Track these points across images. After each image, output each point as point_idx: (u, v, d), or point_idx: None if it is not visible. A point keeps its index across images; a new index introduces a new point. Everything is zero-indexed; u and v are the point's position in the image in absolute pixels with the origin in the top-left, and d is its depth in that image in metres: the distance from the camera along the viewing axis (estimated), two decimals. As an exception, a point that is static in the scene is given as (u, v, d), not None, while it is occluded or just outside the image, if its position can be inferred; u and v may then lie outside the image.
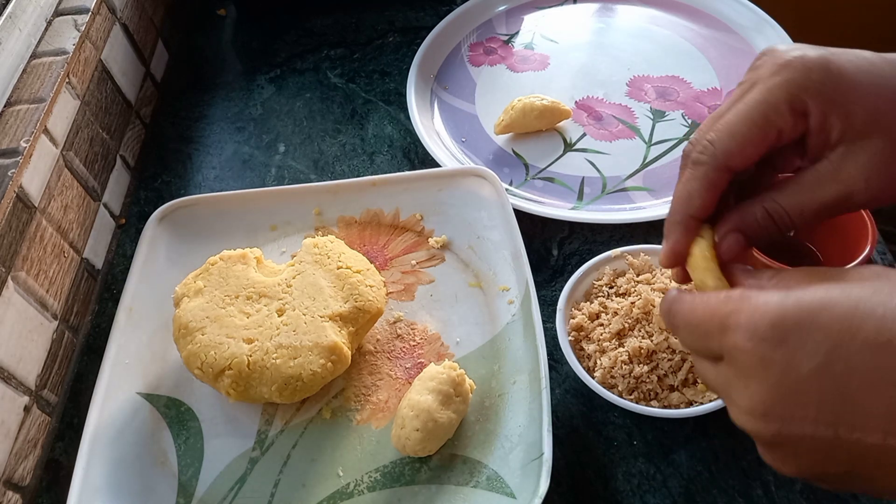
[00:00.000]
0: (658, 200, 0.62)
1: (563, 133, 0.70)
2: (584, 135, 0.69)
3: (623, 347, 0.48)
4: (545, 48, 0.79)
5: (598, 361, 0.48)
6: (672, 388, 0.47)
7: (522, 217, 0.59)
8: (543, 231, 0.61)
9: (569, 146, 0.68)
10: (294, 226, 0.62)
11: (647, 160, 0.66)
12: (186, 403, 0.52)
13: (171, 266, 0.59)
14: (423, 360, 0.53)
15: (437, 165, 0.65)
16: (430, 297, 0.56)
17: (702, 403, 0.46)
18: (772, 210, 0.34)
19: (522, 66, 0.77)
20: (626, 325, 0.49)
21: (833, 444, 0.26)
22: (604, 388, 0.47)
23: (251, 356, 0.48)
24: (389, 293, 0.57)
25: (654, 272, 0.52)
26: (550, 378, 0.48)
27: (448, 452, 0.48)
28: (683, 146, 0.66)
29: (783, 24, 0.74)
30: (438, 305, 0.56)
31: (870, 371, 0.25)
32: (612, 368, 0.48)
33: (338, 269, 0.52)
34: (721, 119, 0.34)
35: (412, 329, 0.55)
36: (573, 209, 0.62)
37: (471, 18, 0.82)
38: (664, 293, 0.50)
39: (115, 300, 0.58)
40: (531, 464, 0.45)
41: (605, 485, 0.47)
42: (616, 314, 0.50)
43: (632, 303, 0.50)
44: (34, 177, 0.55)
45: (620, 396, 0.47)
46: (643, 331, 0.49)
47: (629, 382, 0.47)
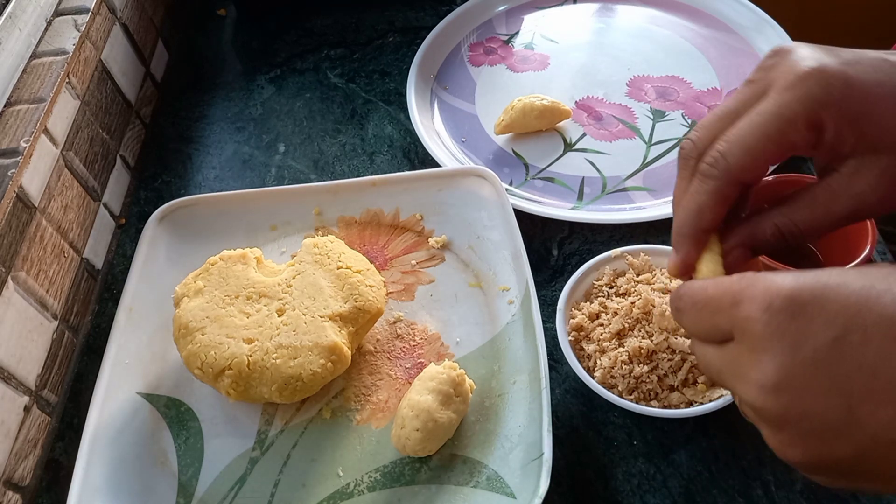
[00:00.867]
0: (658, 200, 0.62)
1: (563, 133, 0.70)
2: (584, 135, 0.69)
3: (623, 347, 0.48)
4: (545, 48, 0.79)
5: (598, 361, 0.48)
6: (672, 388, 0.47)
7: (522, 217, 0.59)
8: (543, 231, 0.61)
9: (569, 146, 0.68)
10: (294, 226, 0.62)
11: (647, 160, 0.66)
12: (186, 403, 0.52)
13: (171, 266, 0.59)
14: (423, 360, 0.53)
15: (437, 165, 0.65)
16: (430, 297, 0.56)
17: (702, 403, 0.46)
18: (783, 226, 0.34)
19: (522, 66, 0.77)
20: (626, 325, 0.49)
21: (844, 421, 0.26)
22: (604, 388, 0.47)
23: (251, 356, 0.48)
24: (389, 293, 0.57)
25: (654, 272, 0.52)
26: (550, 378, 0.48)
27: (448, 452, 0.48)
28: (683, 146, 0.67)
29: (783, 24, 0.74)
30: (438, 305, 0.56)
31: (886, 343, 0.25)
32: (612, 368, 0.48)
33: (338, 269, 0.52)
34: (733, 129, 0.33)
35: (412, 329, 0.55)
36: (573, 209, 0.62)
37: (471, 18, 0.82)
38: (664, 293, 0.50)
39: (115, 300, 0.58)
40: (531, 464, 0.45)
41: (605, 485, 0.47)
42: (616, 314, 0.50)
43: (632, 303, 0.50)
44: (34, 177, 0.55)
45: (620, 396, 0.47)
46: (643, 331, 0.49)
47: (629, 382, 0.47)
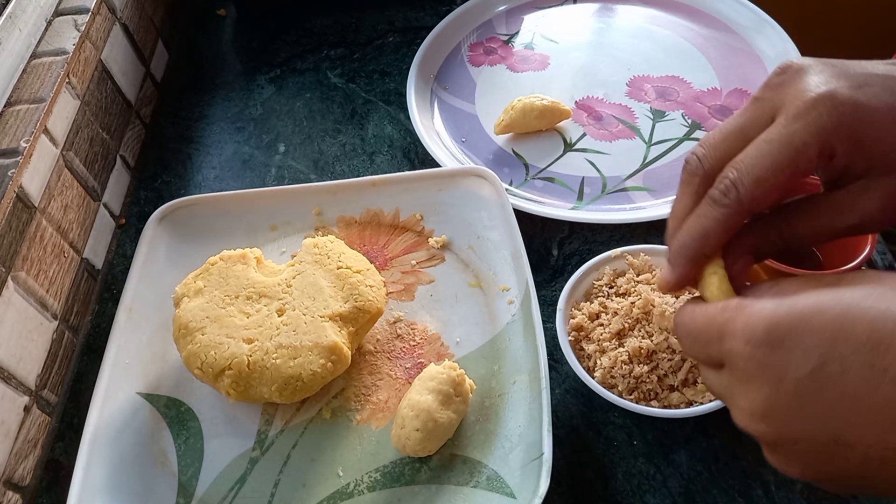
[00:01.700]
0: (658, 200, 0.62)
1: (563, 133, 0.70)
2: (584, 135, 0.69)
3: (623, 347, 0.48)
4: (545, 48, 0.79)
5: (598, 361, 0.48)
6: (672, 388, 0.47)
7: (522, 217, 0.59)
8: (543, 231, 0.61)
9: (569, 146, 0.68)
10: (294, 226, 0.62)
11: (647, 160, 0.66)
12: (186, 403, 0.52)
13: (171, 266, 0.59)
14: (423, 360, 0.53)
15: (437, 165, 0.65)
16: (430, 297, 0.56)
17: (702, 403, 0.46)
18: (789, 236, 0.34)
19: (522, 66, 0.77)
20: (626, 325, 0.49)
21: (834, 445, 0.27)
22: (604, 388, 0.47)
23: (251, 356, 0.48)
24: (389, 293, 0.57)
25: (654, 272, 0.52)
26: (550, 378, 0.48)
27: (448, 452, 0.48)
28: (684, 146, 0.67)
29: (783, 24, 0.74)
30: (438, 305, 0.56)
31: (863, 370, 0.26)
32: (612, 368, 0.48)
33: (338, 269, 0.52)
34: (744, 156, 0.32)
35: (412, 329, 0.55)
36: (573, 209, 0.62)
37: (471, 18, 0.82)
38: (664, 294, 0.50)
39: (115, 300, 0.58)
40: (531, 464, 0.45)
41: (605, 485, 0.47)
42: (616, 314, 0.50)
43: (632, 303, 0.50)
44: (34, 177, 0.55)
45: (620, 396, 0.47)
46: (643, 331, 0.49)
47: (629, 382, 0.47)
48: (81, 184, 0.62)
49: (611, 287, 0.53)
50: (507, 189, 0.63)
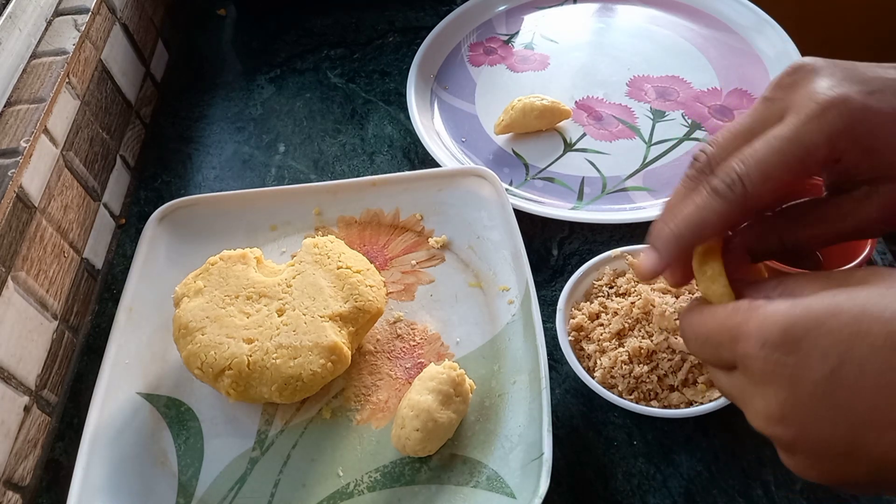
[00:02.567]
0: (658, 200, 0.62)
1: (563, 133, 0.70)
2: (584, 135, 0.69)
3: (623, 347, 0.48)
4: (545, 48, 0.79)
5: (598, 361, 0.48)
6: (672, 388, 0.47)
7: (522, 217, 0.59)
8: (543, 231, 0.61)
9: (569, 146, 0.68)
10: (294, 226, 0.62)
11: (647, 160, 0.66)
12: (186, 403, 0.52)
13: (171, 266, 0.59)
14: (423, 360, 0.53)
15: (437, 165, 0.65)
16: (430, 297, 0.56)
17: (702, 403, 0.46)
18: (788, 242, 0.35)
19: (522, 66, 0.77)
20: (626, 325, 0.49)
21: (852, 447, 0.27)
22: (604, 388, 0.47)
23: (251, 356, 0.48)
24: (389, 293, 0.57)
25: (654, 272, 0.52)
26: (550, 378, 0.48)
27: (448, 452, 0.48)
28: (684, 146, 0.67)
29: (783, 24, 0.74)
30: (438, 305, 0.56)
31: (881, 373, 0.26)
32: (612, 368, 0.48)
33: (338, 269, 0.52)
34: (751, 150, 0.32)
35: (412, 329, 0.55)
36: (573, 209, 0.62)
37: (471, 18, 0.82)
38: (664, 293, 0.50)
39: (115, 300, 0.58)
40: (531, 464, 0.45)
41: (605, 485, 0.47)
42: (616, 314, 0.50)
43: (632, 303, 0.50)
44: (34, 177, 0.55)
45: (620, 396, 0.47)
46: (643, 331, 0.49)
47: (629, 382, 0.47)
48: (81, 184, 0.62)
49: (611, 287, 0.53)
50: (507, 189, 0.63)
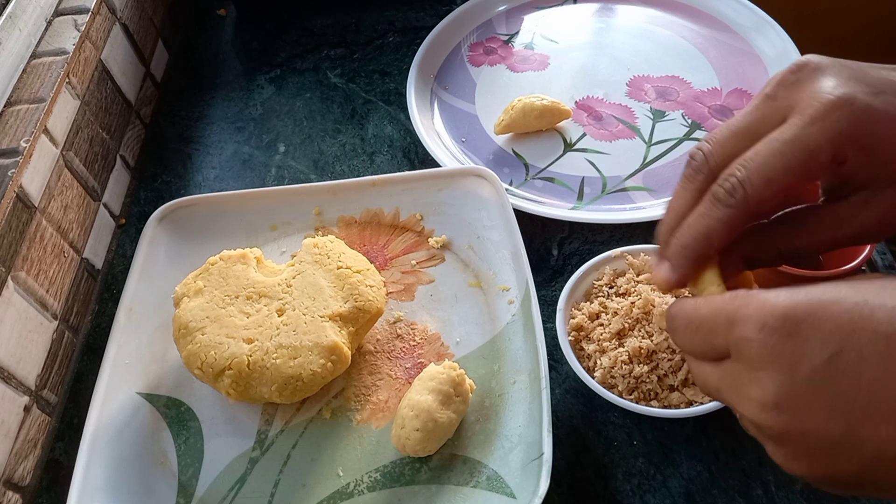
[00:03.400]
0: (658, 200, 0.62)
1: (563, 133, 0.70)
2: (584, 135, 0.69)
3: (623, 347, 0.48)
4: (545, 48, 0.79)
5: (598, 361, 0.48)
6: (672, 388, 0.47)
7: (522, 217, 0.59)
8: (543, 231, 0.61)
9: (569, 146, 0.68)
10: (294, 226, 0.62)
11: (647, 160, 0.66)
12: (186, 403, 0.52)
13: (171, 266, 0.59)
14: (423, 360, 0.53)
15: (437, 165, 0.65)
16: (430, 297, 0.56)
17: (702, 403, 0.46)
18: (786, 250, 0.34)
19: (522, 66, 0.77)
20: (626, 325, 0.49)
21: (845, 439, 0.26)
22: (604, 388, 0.47)
23: (251, 356, 0.48)
24: (389, 293, 0.57)
25: (654, 272, 0.52)
26: (550, 378, 0.48)
27: (448, 452, 0.48)
28: (684, 146, 0.67)
29: (783, 24, 0.74)
30: (438, 305, 0.56)
31: (882, 360, 0.25)
32: (612, 368, 0.48)
33: (338, 269, 0.52)
34: (753, 153, 0.31)
35: (412, 329, 0.55)
36: (573, 209, 0.62)
37: (471, 18, 0.82)
38: (664, 294, 0.50)
39: (115, 300, 0.58)
40: (531, 464, 0.45)
41: (605, 485, 0.47)
42: (616, 314, 0.50)
43: (632, 303, 0.50)
44: (34, 177, 0.55)
45: (620, 396, 0.47)
46: (643, 331, 0.49)
47: (629, 382, 0.47)
48: (81, 184, 0.62)
49: (611, 287, 0.53)
50: (507, 189, 0.63)
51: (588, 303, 0.52)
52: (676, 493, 0.46)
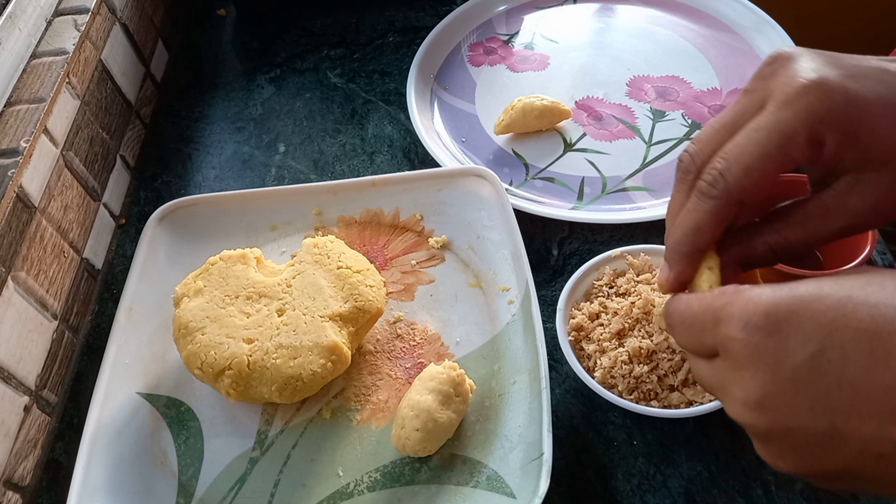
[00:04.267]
0: (658, 200, 0.62)
1: (563, 133, 0.70)
2: (584, 135, 0.69)
3: (623, 347, 0.48)
4: (545, 48, 0.79)
5: (598, 361, 0.48)
6: (672, 388, 0.47)
7: (522, 217, 0.59)
8: (543, 231, 0.61)
9: (569, 146, 0.68)
10: (294, 226, 0.62)
11: (647, 160, 0.66)
12: (186, 403, 0.52)
13: (171, 266, 0.59)
14: (423, 360, 0.53)
15: (437, 165, 0.65)
16: (430, 297, 0.56)
17: (702, 403, 0.46)
18: (776, 245, 0.34)
19: (522, 66, 0.77)
20: (626, 325, 0.49)
21: (829, 436, 0.26)
22: (604, 388, 0.47)
23: (251, 356, 0.48)
24: (389, 293, 0.57)
25: (654, 272, 0.52)
26: (550, 378, 0.48)
27: (448, 452, 0.48)
28: (684, 146, 0.67)
29: (783, 24, 0.74)
30: (438, 305, 0.56)
31: (864, 358, 0.25)
32: (612, 368, 0.48)
33: (338, 269, 0.52)
34: (731, 145, 0.31)
35: (412, 329, 0.55)
36: (573, 209, 0.62)
37: (471, 18, 0.82)
38: (664, 293, 0.50)
39: (115, 300, 0.58)
40: (531, 464, 0.45)
41: (605, 485, 0.47)
42: (616, 314, 0.50)
43: (632, 303, 0.50)
44: (34, 177, 0.55)
45: (620, 396, 0.47)
46: (643, 331, 0.49)
47: (629, 382, 0.47)
48: (81, 184, 0.62)
49: (611, 287, 0.53)
50: (507, 189, 0.63)
51: (588, 303, 0.52)
52: (676, 493, 0.46)
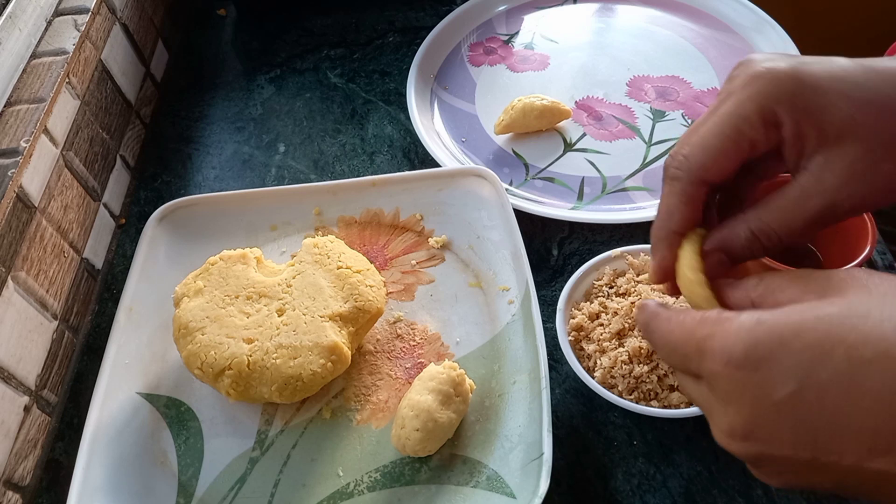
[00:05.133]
0: (658, 200, 0.62)
1: (563, 133, 0.70)
2: (584, 135, 0.69)
3: (623, 347, 0.48)
4: (545, 48, 0.79)
5: (598, 361, 0.48)
6: (672, 388, 0.47)
7: (522, 217, 0.59)
8: (543, 231, 0.61)
9: (569, 146, 0.68)
10: (294, 226, 0.62)
11: (647, 160, 0.66)
12: (186, 403, 0.52)
13: (171, 266, 0.59)
14: (423, 360, 0.53)
15: (437, 165, 0.65)
16: (430, 297, 0.56)
17: (702, 403, 0.46)
18: (757, 230, 0.34)
19: (522, 66, 0.77)
20: (626, 325, 0.49)
21: (813, 465, 0.27)
22: (604, 388, 0.47)
23: (251, 356, 0.48)
24: (389, 293, 0.57)
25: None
26: (550, 378, 0.48)
27: (448, 452, 0.48)
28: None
29: (783, 24, 0.74)
30: (438, 305, 0.56)
31: (840, 398, 0.26)
32: (612, 368, 0.48)
33: (338, 269, 0.52)
34: (695, 133, 0.34)
35: (412, 329, 0.55)
36: (573, 209, 0.62)
37: (471, 18, 0.82)
38: (664, 294, 0.50)
39: (115, 300, 0.58)
40: (531, 464, 0.45)
41: (605, 485, 0.47)
42: (616, 314, 0.50)
43: (632, 303, 0.50)
44: (34, 177, 0.55)
45: (620, 396, 0.47)
46: (643, 331, 0.49)
47: (629, 382, 0.47)
48: (81, 184, 0.62)
49: (611, 287, 0.53)
50: (507, 189, 0.63)
51: (588, 303, 0.52)
52: (676, 493, 0.46)
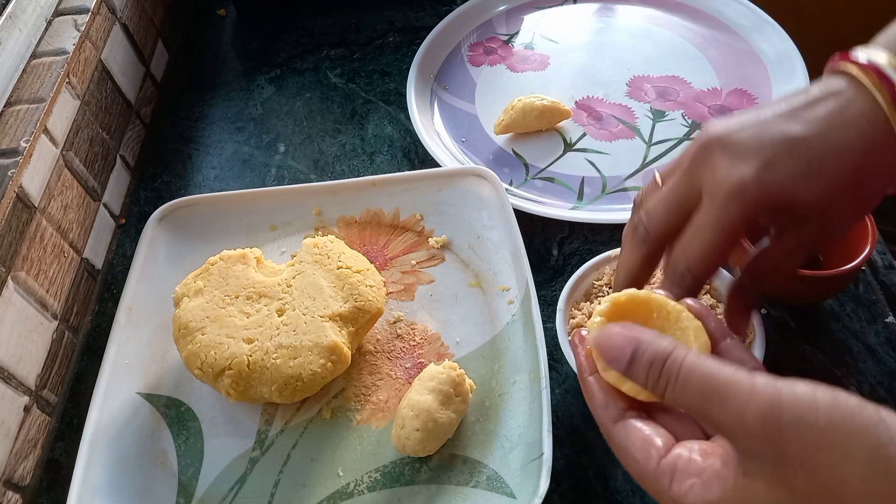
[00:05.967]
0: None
1: (563, 133, 0.70)
2: (584, 135, 0.69)
3: (623, 347, 0.48)
4: (545, 48, 0.79)
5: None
6: (672, 388, 0.47)
7: (522, 217, 0.59)
8: (543, 231, 0.61)
9: (569, 146, 0.68)
10: (294, 226, 0.62)
11: (647, 160, 0.66)
12: (186, 403, 0.52)
13: (171, 266, 0.59)
14: (423, 360, 0.53)
15: (437, 165, 0.65)
16: (430, 297, 0.56)
17: (702, 403, 0.46)
18: (763, 290, 0.41)
19: (522, 66, 0.77)
20: (626, 325, 0.49)
21: None
22: (604, 388, 0.47)
23: (251, 356, 0.48)
24: (389, 293, 0.57)
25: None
26: (550, 378, 0.48)
27: (448, 452, 0.48)
28: (684, 146, 0.67)
29: (783, 24, 0.74)
30: (438, 305, 0.56)
31: None
32: (612, 368, 0.47)
33: (338, 269, 0.52)
34: (690, 245, 0.37)
35: (412, 329, 0.55)
36: (573, 209, 0.62)
37: (471, 18, 0.82)
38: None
39: (115, 300, 0.58)
40: (531, 464, 0.45)
41: (605, 485, 0.47)
42: (616, 314, 0.50)
43: (632, 303, 0.49)
44: (34, 177, 0.55)
45: (620, 396, 0.47)
46: (643, 331, 0.49)
47: (629, 382, 0.47)
48: (81, 184, 0.62)
49: (611, 287, 0.53)
50: (507, 189, 0.63)
51: (588, 303, 0.52)
52: (676, 493, 0.46)
